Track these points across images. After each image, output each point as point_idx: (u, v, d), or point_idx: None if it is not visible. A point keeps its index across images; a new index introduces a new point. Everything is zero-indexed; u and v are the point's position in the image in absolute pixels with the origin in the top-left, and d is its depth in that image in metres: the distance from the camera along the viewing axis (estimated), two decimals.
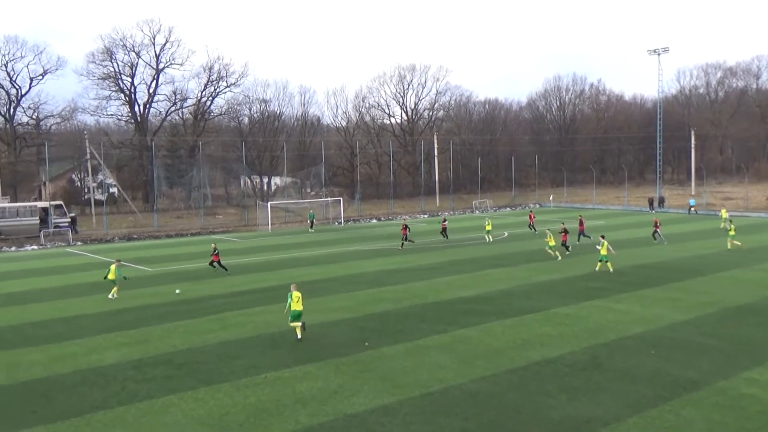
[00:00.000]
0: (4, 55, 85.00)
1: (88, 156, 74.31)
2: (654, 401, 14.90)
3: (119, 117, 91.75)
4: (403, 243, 44.58)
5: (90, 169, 77.22)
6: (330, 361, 18.44)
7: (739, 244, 40.00)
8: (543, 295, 27.01)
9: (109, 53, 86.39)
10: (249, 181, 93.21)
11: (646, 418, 13.99)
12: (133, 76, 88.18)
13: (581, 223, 45.20)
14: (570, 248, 38.96)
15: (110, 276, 29.77)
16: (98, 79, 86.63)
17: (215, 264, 35.49)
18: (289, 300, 20.82)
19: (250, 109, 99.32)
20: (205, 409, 15.10)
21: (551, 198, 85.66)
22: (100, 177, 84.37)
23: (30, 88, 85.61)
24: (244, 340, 20.92)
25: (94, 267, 40.09)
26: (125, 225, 67.55)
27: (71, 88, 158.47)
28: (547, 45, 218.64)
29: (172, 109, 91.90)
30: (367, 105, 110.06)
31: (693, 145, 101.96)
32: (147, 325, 23.52)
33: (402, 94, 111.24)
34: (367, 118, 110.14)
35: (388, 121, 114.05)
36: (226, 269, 35.26)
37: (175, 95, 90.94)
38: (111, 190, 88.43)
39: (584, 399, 15.14)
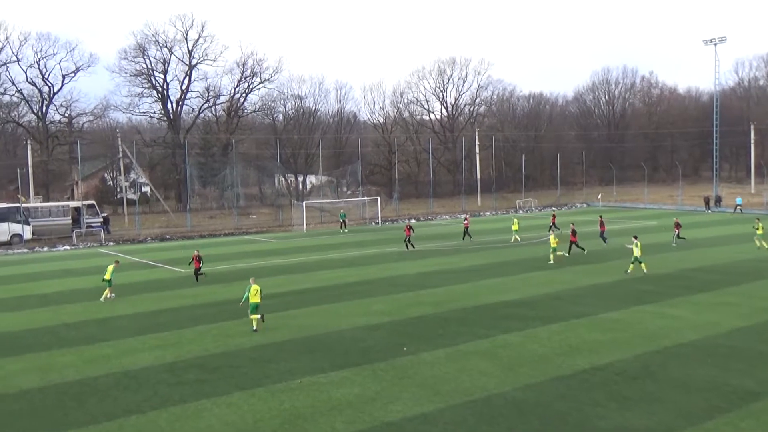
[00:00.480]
0: (36, 53, 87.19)
1: (121, 154, 75.75)
2: (710, 413, 14.61)
3: (152, 114, 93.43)
4: (407, 245, 44.38)
5: (122, 168, 78.72)
6: (367, 366, 18.48)
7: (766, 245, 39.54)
8: (591, 299, 26.68)
9: (142, 49, 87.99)
10: (283, 179, 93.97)
11: (702, 431, 13.72)
12: (165, 73, 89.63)
13: (601, 224, 44.80)
14: (585, 250, 39.05)
15: (107, 276, 30.03)
16: (130, 75, 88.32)
17: (196, 271, 33.52)
18: (246, 293, 22.73)
19: (284, 106, 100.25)
20: (239, 415, 15.27)
21: (599, 197, 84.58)
22: (133, 176, 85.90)
23: (62, 85, 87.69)
24: (279, 344, 21.10)
25: (126, 268, 40.83)
26: (158, 225, 68.68)
27: (103, 85, 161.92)
28: (595, 36, 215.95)
29: (205, 106, 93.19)
30: (406, 100, 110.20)
31: (752, 141, 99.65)
32: (180, 327, 23.88)
33: (442, 88, 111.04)
34: (406, 114, 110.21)
35: (428, 117, 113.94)
36: (197, 278, 33.34)
37: (208, 92, 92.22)
38: (143, 189, 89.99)
39: (635, 409, 14.92)
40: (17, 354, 20.99)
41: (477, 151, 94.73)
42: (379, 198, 70.88)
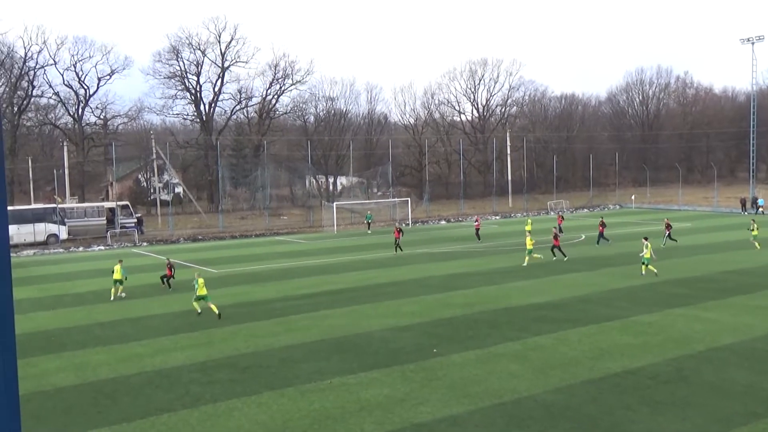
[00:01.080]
0: (73, 56, 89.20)
1: (154, 156, 76.79)
2: (746, 418, 14.35)
3: (185, 116, 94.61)
4: (396, 248, 44.31)
5: (156, 169, 79.78)
6: (397, 367, 18.49)
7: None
8: (623, 301, 26.39)
9: (176, 52, 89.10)
10: (314, 181, 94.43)
11: None
12: (198, 75, 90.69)
13: (602, 225, 45.16)
14: (566, 256, 38.38)
15: (116, 276, 30.43)
16: (164, 78, 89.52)
17: (165, 279, 32.92)
18: (196, 286, 25.91)
19: (315, 107, 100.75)
20: (269, 414, 15.37)
21: (633, 198, 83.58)
22: (166, 177, 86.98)
23: (98, 88, 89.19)
24: (308, 344, 21.20)
25: (159, 268, 41.34)
26: (190, 225, 69.45)
27: (138, 87, 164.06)
28: (628, 35, 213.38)
29: (237, 107, 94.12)
30: (437, 101, 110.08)
31: None
32: (211, 327, 24.12)
33: (473, 89, 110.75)
34: (437, 115, 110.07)
35: (459, 119, 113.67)
36: (170, 286, 32.64)
37: (240, 94, 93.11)
38: (176, 190, 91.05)
39: (668, 414, 14.71)
40: (53, 352, 21.38)
41: (508, 152, 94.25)
42: (409, 199, 70.90)
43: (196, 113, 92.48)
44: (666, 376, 17.17)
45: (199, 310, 26.15)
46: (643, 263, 32.31)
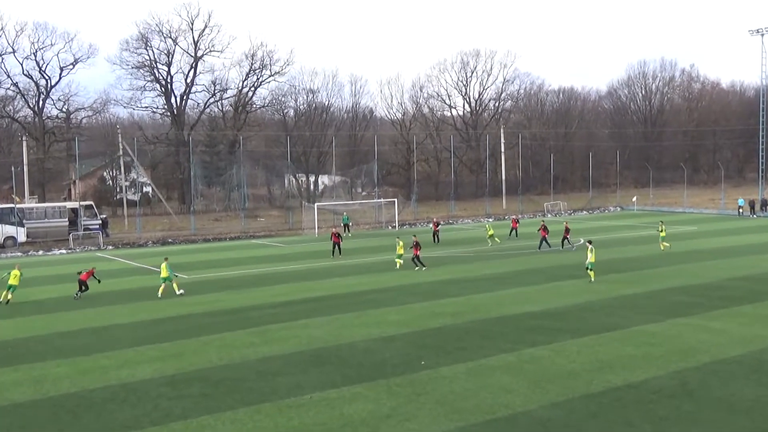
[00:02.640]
0: (33, 43, 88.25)
1: (121, 152, 76.35)
2: None
3: (154, 109, 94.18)
4: (333, 251, 45.14)
5: (122, 167, 79.32)
6: (382, 381, 18.47)
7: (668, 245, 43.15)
8: (625, 310, 26.50)
9: (144, 40, 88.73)
10: (294, 180, 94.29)
11: None
12: (169, 65, 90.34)
13: (566, 230, 46.69)
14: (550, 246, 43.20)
15: (163, 274, 32.43)
16: (132, 68, 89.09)
17: (81, 285, 32.67)
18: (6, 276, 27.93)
19: (295, 101, 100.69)
20: None
21: (634, 200, 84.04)
22: (133, 175, 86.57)
23: (60, 78, 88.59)
24: (287, 356, 21.15)
25: (126, 273, 41.12)
26: (159, 228, 69.12)
27: (103, 78, 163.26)
28: (630, 26, 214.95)
29: (211, 100, 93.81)
30: (426, 95, 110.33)
31: None
32: (182, 337, 23.99)
33: (465, 82, 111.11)
34: (426, 110, 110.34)
35: (449, 113, 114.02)
36: (79, 291, 32.48)
37: (215, 85, 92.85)
38: (145, 189, 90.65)
39: (672, 430, 14.78)
40: (9, 365, 21.18)
41: (502, 149, 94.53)
42: (396, 200, 70.91)
43: (166, 106, 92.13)
44: (670, 390, 17.25)
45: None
46: (587, 268, 33.09)
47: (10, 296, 31.51)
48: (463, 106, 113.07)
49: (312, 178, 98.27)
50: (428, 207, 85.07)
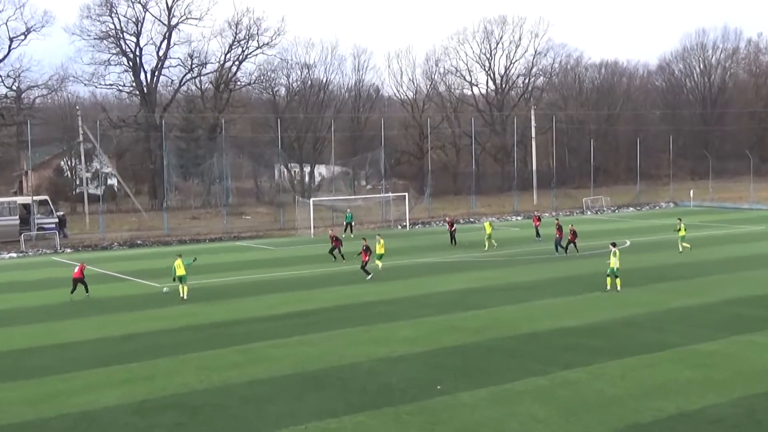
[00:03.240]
0: None
1: (81, 138, 76.46)
2: None
3: (120, 87, 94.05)
4: (332, 254, 46.12)
5: (83, 155, 79.44)
6: (390, 409, 18.52)
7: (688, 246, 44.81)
8: (678, 325, 26.49)
9: (109, 6, 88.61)
10: (285, 171, 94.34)
11: None
12: (138, 35, 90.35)
13: (559, 229, 47.12)
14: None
15: (180, 272, 33.97)
16: (94, 39, 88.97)
17: (77, 283, 34.81)
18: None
19: (288, 77, 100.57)
20: None
21: (691, 194, 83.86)
22: (96, 165, 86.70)
23: (9, 51, 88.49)
24: (278, 379, 21.21)
25: (89, 281, 41.21)
26: (127, 227, 69.25)
27: (61, 50, 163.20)
28: None
29: (188, 76, 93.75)
30: (442, 70, 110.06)
31: None
32: (154, 356, 24.08)
33: (488, 55, 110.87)
34: (442, 88, 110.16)
35: (470, 92, 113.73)
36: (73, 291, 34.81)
37: (192, 59, 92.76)
38: (109, 181, 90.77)
39: None
40: None
41: (533, 134, 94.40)
42: (407, 194, 70.82)
43: (134, 84, 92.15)
44: (734, 419, 17.26)
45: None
46: (608, 274, 33.38)
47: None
48: (487, 83, 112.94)
49: (307, 169, 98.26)
50: (445, 203, 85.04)
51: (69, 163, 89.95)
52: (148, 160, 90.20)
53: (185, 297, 34.18)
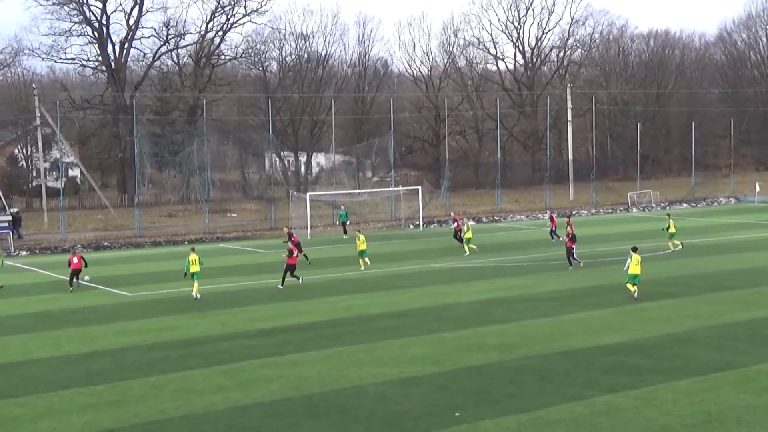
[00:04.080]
0: None
1: (38, 121, 76.61)
2: None
3: (84, 62, 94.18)
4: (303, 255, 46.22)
5: (40, 142, 79.59)
6: None
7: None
8: (739, 342, 26.41)
9: None
10: (278, 160, 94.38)
11: None
12: (104, 1, 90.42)
13: (552, 220, 51.57)
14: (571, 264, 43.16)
15: (194, 268, 36.09)
16: (53, 4, 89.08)
17: (75, 275, 36.86)
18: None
19: (280, 50, 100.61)
20: None
21: (757, 188, 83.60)
22: (56, 153, 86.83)
23: None
24: (268, 405, 21.21)
25: (45, 289, 41.31)
26: (92, 226, 69.34)
27: (13, 18, 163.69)
28: None
29: (163, 49, 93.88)
30: (462, 42, 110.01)
31: None
32: (123, 378, 24.08)
33: (517, 24, 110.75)
34: (462, 63, 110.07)
35: (495, 67, 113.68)
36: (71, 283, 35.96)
37: (168, 29, 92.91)
38: (71, 173, 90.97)
39: None
40: None
41: (569, 117, 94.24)
42: (420, 188, 70.79)
43: (100, 58, 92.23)
44: None
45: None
46: (628, 281, 34.14)
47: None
48: (515, 57, 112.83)
49: (303, 158, 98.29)
50: (465, 198, 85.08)
51: (24, 151, 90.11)
52: (116, 147, 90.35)
53: (198, 296, 36.19)
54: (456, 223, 54.53)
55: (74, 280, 39.62)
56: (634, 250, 34.97)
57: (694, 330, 28.27)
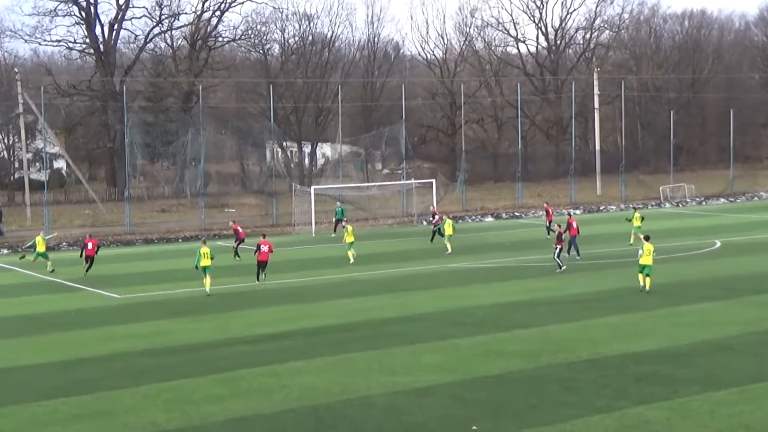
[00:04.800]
0: None
1: (21, 108, 76.71)
2: None
3: (70, 45, 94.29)
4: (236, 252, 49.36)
5: (23, 130, 79.66)
6: None
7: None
8: None
9: None
10: (280, 151, 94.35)
11: None
12: None
13: (548, 213, 53.89)
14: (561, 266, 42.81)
15: (205, 262, 37.48)
16: None
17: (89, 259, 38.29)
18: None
19: (283, 32, 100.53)
20: None
21: None
22: (39, 143, 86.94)
23: None
24: (269, 417, 21.20)
25: (28, 290, 41.44)
26: (78, 222, 69.40)
27: None
28: None
29: (156, 30, 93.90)
30: (480, 23, 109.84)
31: None
32: (112, 387, 24.07)
33: (539, 2, 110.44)
34: (480, 46, 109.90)
35: (515, 50, 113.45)
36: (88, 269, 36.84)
37: (161, 9, 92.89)
38: (56, 164, 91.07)
39: None
40: None
41: (596, 104, 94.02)
42: (434, 181, 70.75)
43: (88, 40, 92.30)
44: None
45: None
46: (641, 272, 35.77)
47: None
48: (537, 39, 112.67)
49: (307, 149, 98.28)
50: (483, 192, 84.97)
51: (5, 140, 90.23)
52: (105, 136, 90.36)
53: (209, 292, 37.52)
54: (436, 218, 55.42)
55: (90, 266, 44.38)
56: (647, 239, 36.11)
57: (732, 336, 28.21)
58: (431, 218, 56.61)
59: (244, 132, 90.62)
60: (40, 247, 46.75)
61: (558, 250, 42.79)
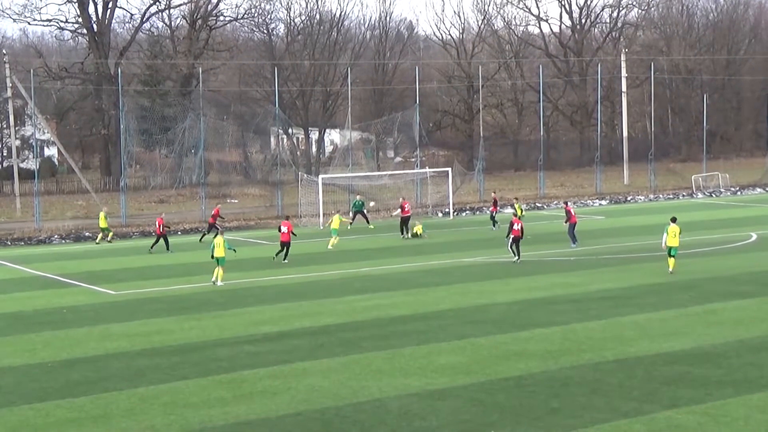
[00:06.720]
0: None
1: (9, 92, 76.83)
2: None
3: (62, 24, 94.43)
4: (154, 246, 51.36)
5: (11, 116, 79.81)
6: None
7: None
8: None
9: None
10: (285, 138, 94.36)
11: None
12: None
13: (495, 203, 58.31)
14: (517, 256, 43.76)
15: (219, 252, 39.14)
16: None
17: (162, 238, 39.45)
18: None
19: (288, 11, 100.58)
20: None
21: None
22: (29, 129, 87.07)
23: None
24: (274, 421, 21.25)
25: (16, 286, 41.46)
26: (71, 214, 69.48)
27: None
28: None
29: (152, 9, 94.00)
30: (499, 1, 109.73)
31: None
32: (108, 389, 24.14)
33: None
34: (499, 25, 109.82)
35: (537, 30, 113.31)
36: (156, 247, 37.53)
37: None
38: (47, 152, 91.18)
39: None
40: None
41: (623, 88, 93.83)
42: (450, 170, 70.72)
43: (80, 20, 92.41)
44: None
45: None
46: (670, 254, 37.28)
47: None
48: (560, 17, 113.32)
49: (314, 136, 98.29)
50: (502, 181, 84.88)
51: None
52: (99, 122, 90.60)
53: (218, 282, 39.40)
54: (402, 210, 56.18)
55: (157, 243, 50.91)
56: (673, 220, 37.54)
57: None
58: (403, 211, 56.91)
59: (246, 118, 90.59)
60: (102, 223, 54.38)
61: (511, 240, 43.82)
